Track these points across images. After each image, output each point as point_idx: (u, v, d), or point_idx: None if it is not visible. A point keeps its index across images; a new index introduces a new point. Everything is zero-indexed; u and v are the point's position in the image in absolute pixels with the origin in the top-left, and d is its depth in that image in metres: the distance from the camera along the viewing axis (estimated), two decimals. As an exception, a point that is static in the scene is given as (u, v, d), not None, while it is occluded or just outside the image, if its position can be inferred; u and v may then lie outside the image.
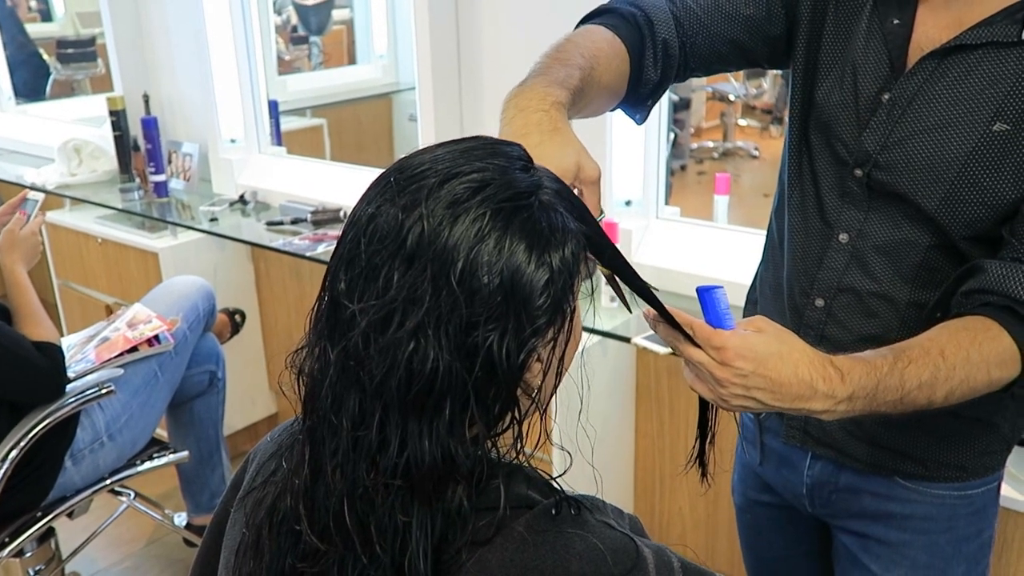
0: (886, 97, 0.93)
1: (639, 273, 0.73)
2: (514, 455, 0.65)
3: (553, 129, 0.77)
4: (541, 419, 0.67)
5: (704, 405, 0.81)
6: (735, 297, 0.85)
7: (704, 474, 0.83)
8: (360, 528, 0.62)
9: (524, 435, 0.65)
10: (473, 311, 0.58)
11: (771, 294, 1.12)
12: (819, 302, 1.02)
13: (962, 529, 1.05)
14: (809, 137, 1.01)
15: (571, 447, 0.77)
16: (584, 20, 1.02)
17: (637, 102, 1.03)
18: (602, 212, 0.79)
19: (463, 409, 0.60)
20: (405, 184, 0.61)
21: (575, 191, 0.76)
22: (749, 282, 1.75)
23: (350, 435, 0.61)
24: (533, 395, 0.64)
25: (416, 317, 0.58)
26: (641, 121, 1.07)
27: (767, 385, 0.74)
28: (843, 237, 0.99)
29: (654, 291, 0.74)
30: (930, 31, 0.92)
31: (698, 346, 0.75)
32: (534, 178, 0.64)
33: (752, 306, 1.17)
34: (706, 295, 0.76)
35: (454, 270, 0.58)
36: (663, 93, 1.04)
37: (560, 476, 0.67)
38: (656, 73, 0.99)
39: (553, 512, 0.63)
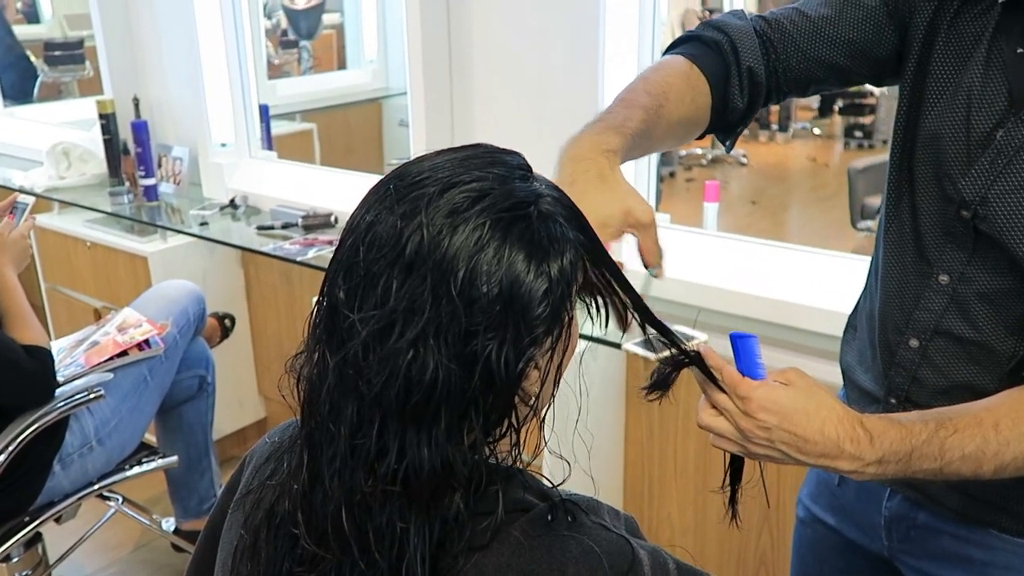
0: (1000, 134, 0.84)
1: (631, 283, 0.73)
2: (511, 461, 0.66)
3: (600, 177, 0.77)
4: (540, 427, 0.68)
5: (734, 456, 0.80)
6: (731, 306, 0.84)
7: (734, 515, 0.81)
8: (358, 534, 0.62)
9: (522, 441, 0.65)
10: (472, 320, 0.59)
11: (865, 325, 1.05)
12: (913, 343, 0.94)
13: None
14: (913, 168, 0.93)
15: (563, 453, 0.78)
16: (670, 47, 0.97)
17: (725, 129, 0.99)
18: (661, 254, 0.78)
19: (462, 417, 0.61)
20: (405, 192, 0.62)
21: (624, 236, 0.75)
22: (740, 290, 1.78)
23: (348, 442, 0.62)
24: (530, 402, 0.65)
25: (416, 327, 0.59)
26: (730, 148, 1.03)
27: (791, 440, 0.73)
28: (943, 278, 0.91)
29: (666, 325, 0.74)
30: None
31: (725, 392, 0.74)
32: (533, 187, 0.64)
33: (852, 331, 1.10)
34: (739, 342, 0.75)
35: (454, 280, 0.59)
36: (752, 118, 1.00)
37: (560, 485, 0.68)
38: (743, 101, 0.96)
39: (549, 516, 0.64)
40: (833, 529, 1.13)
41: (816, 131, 7.00)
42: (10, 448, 1.61)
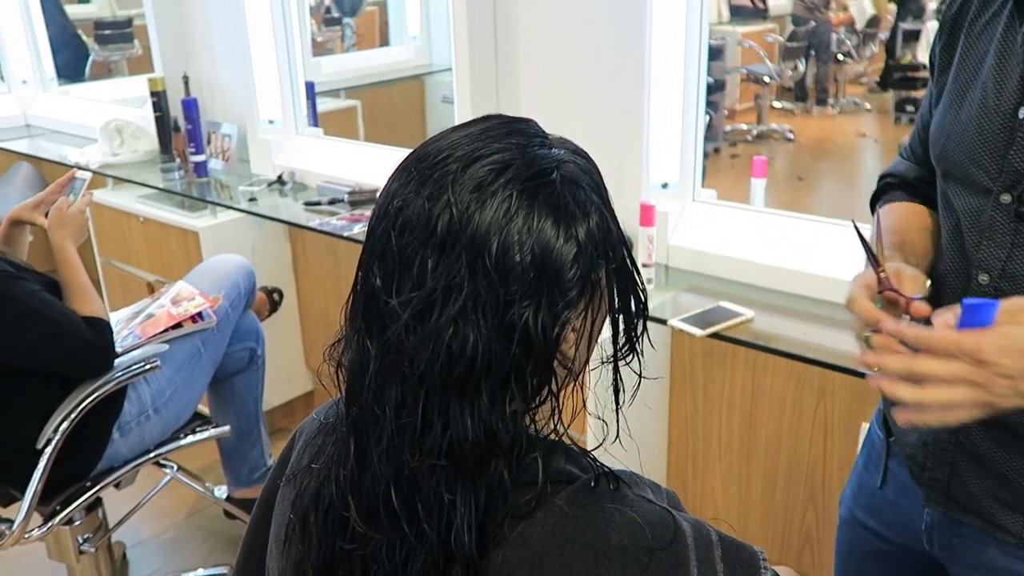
0: (1022, 113, 0.83)
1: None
2: (552, 427, 0.67)
3: None
4: (583, 401, 0.69)
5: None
6: (778, 283, 0.82)
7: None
8: (406, 509, 0.64)
9: (561, 405, 0.66)
10: (508, 290, 0.60)
11: None
12: None
13: None
14: (947, 168, 0.94)
15: (607, 429, 0.78)
16: (878, 198, 1.10)
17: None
18: None
19: (503, 386, 0.62)
20: (428, 173, 0.63)
21: None
22: (785, 266, 1.76)
23: (393, 423, 0.63)
24: (568, 365, 0.66)
25: (456, 304, 0.60)
26: None
27: None
28: (983, 278, 0.88)
29: None
30: None
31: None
32: (553, 153, 0.65)
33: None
34: (977, 309, 0.69)
35: (488, 253, 0.60)
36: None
37: (596, 448, 0.68)
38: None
39: (592, 486, 0.65)
40: (873, 531, 1.11)
41: (867, 105, 6.83)
42: (72, 416, 1.67)
